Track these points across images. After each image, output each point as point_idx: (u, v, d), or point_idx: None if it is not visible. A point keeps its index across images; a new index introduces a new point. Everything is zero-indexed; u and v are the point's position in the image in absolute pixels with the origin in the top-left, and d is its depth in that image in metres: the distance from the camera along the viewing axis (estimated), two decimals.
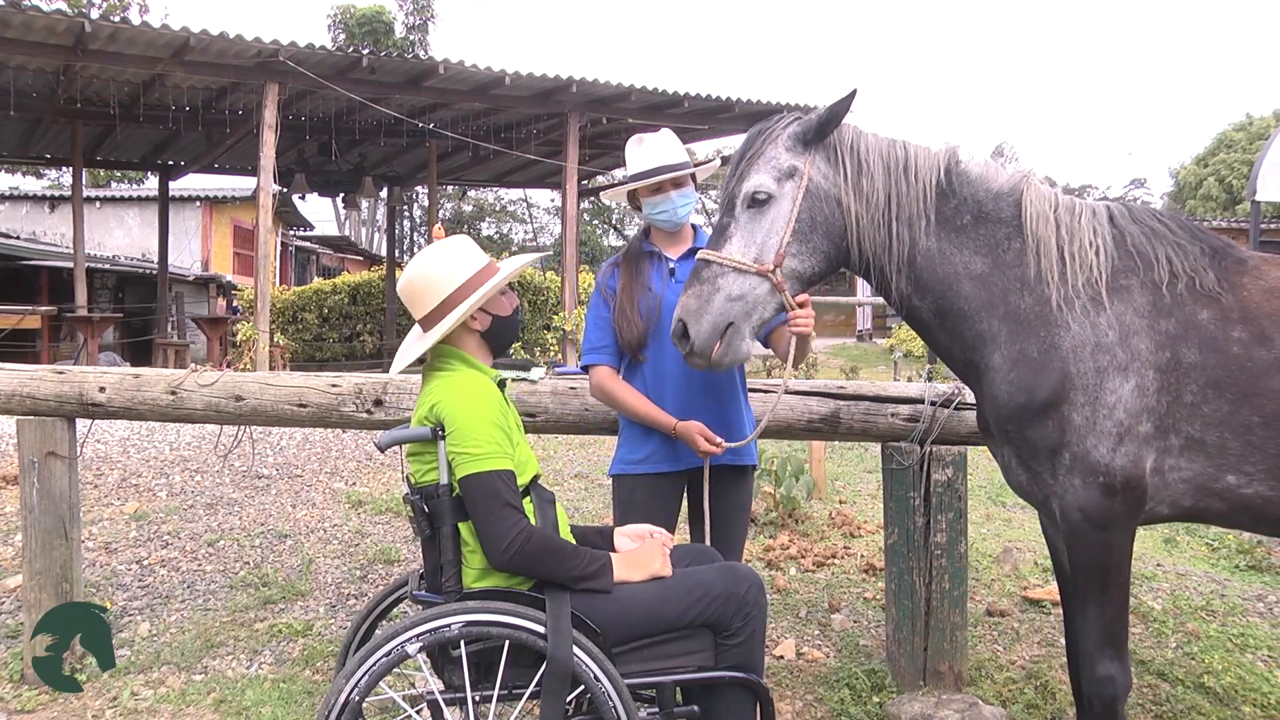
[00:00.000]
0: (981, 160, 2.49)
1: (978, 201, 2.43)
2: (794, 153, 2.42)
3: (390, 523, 5.51)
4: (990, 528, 5.68)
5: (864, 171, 2.41)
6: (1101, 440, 2.24)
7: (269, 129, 10.27)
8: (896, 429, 3.30)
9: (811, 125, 2.41)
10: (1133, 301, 2.31)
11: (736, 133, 13.97)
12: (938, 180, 2.42)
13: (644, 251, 2.96)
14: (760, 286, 2.39)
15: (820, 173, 2.42)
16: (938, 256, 2.42)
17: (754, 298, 2.39)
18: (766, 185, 2.39)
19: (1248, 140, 31.07)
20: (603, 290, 2.95)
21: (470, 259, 2.45)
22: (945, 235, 2.42)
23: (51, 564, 3.51)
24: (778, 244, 2.39)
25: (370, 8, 28.18)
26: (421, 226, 36.04)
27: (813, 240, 2.42)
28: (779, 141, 2.43)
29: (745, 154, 2.45)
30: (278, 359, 12.24)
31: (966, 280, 2.40)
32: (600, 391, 2.93)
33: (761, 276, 2.38)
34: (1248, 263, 2.37)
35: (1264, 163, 9.42)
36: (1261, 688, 3.46)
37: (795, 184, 2.40)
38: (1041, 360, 2.30)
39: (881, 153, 2.43)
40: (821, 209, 2.41)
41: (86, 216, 14.93)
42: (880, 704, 3.25)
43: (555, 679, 2.15)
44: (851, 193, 2.40)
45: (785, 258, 2.39)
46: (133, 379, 3.51)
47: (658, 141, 2.90)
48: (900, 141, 2.48)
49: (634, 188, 2.88)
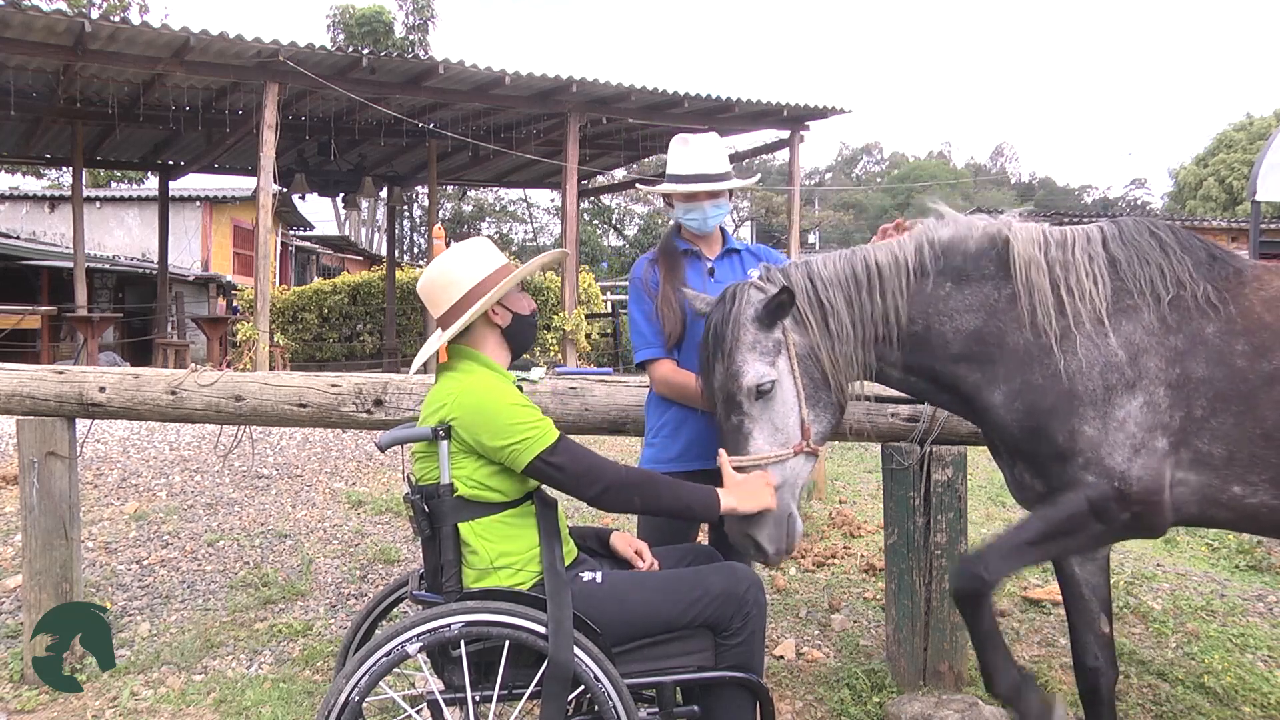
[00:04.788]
0: (951, 223, 2.48)
1: (954, 269, 2.43)
2: (767, 329, 2.39)
3: (390, 523, 5.51)
4: (990, 528, 5.68)
5: (830, 313, 2.41)
6: (1116, 449, 2.25)
7: (269, 129, 10.26)
8: (896, 429, 3.30)
9: (761, 314, 2.37)
10: (1140, 320, 2.31)
11: (736, 132, 13.97)
12: (906, 282, 2.41)
13: (680, 250, 2.93)
14: (799, 463, 2.39)
15: (798, 335, 2.41)
16: (924, 335, 2.43)
17: (796, 475, 2.39)
18: (767, 374, 2.34)
19: (1248, 140, 31.08)
20: (645, 285, 2.88)
21: (488, 258, 2.46)
22: (930, 312, 2.42)
23: (51, 564, 3.51)
24: (799, 420, 2.37)
25: (370, 8, 28.17)
26: (421, 226, 36.05)
27: (820, 398, 2.41)
28: (747, 325, 2.37)
29: (721, 347, 2.37)
30: (278, 359, 12.24)
31: (957, 343, 2.42)
32: (666, 385, 2.84)
33: (798, 454, 2.37)
34: (1245, 273, 2.37)
35: (1264, 163, 9.43)
36: (1261, 688, 3.46)
37: (785, 357, 2.39)
38: (1046, 385, 2.31)
39: (841, 282, 2.43)
40: (814, 366, 2.41)
41: (86, 216, 14.92)
42: (880, 704, 3.24)
43: (556, 679, 2.15)
44: (826, 339, 2.40)
45: (810, 427, 2.38)
46: (133, 379, 3.51)
47: (702, 146, 2.88)
48: (861, 255, 2.45)
49: (671, 192, 2.88)
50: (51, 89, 11.66)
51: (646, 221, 35.96)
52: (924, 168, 54.28)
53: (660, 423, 2.89)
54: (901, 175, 52.76)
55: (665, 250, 2.94)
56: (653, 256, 2.95)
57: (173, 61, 10.08)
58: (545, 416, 2.34)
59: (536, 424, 2.28)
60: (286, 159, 14.01)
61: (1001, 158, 65.07)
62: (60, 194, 22.13)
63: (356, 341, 16.85)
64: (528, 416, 2.29)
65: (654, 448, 2.88)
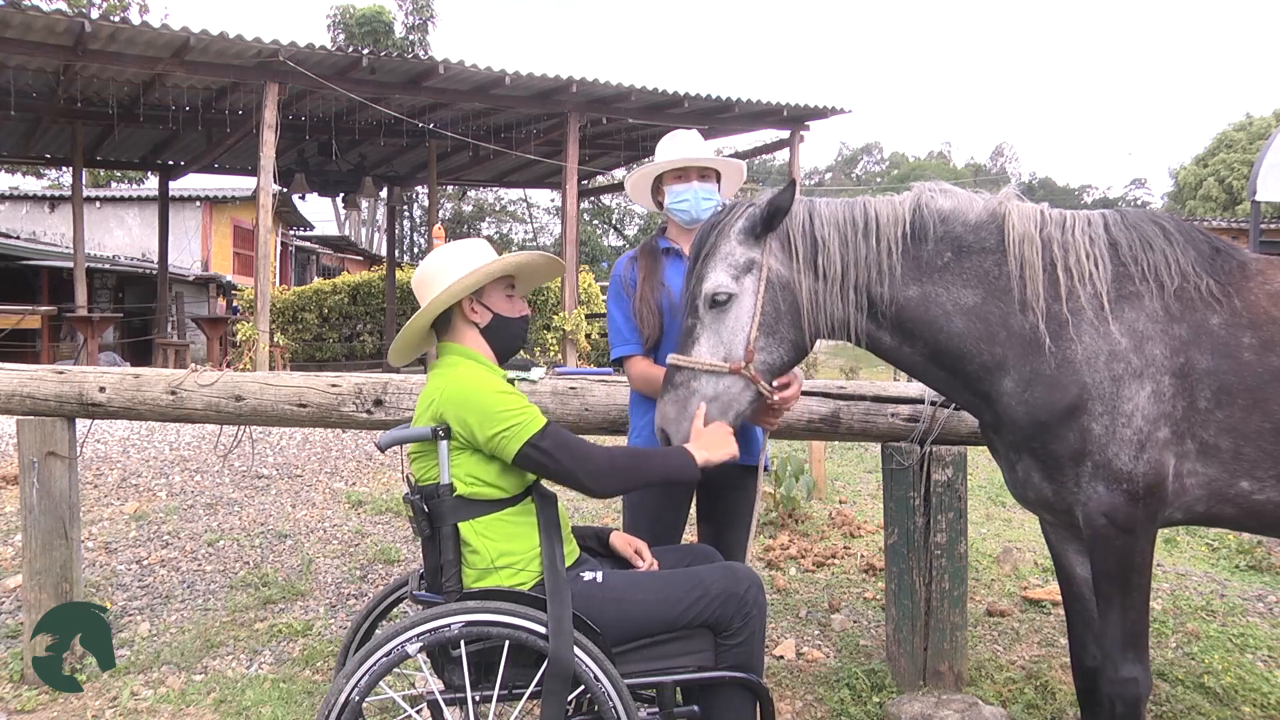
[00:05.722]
0: (950, 194, 2.45)
1: (954, 238, 2.39)
2: (748, 245, 2.38)
3: (390, 523, 5.51)
4: (990, 528, 5.68)
5: (820, 248, 2.38)
6: (1123, 448, 2.23)
7: (269, 129, 10.27)
8: (896, 429, 3.30)
9: (757, 219, 2.37)
10: (1144, 307, 2.29)
11: (736, 133, 13.99)
12: (903, 232, 2.38)
13: (661, 248, 2.95)
14: (735, 384, 2.35)
15: (778, 260, 2.38)
16: (922, 301, 2.38)
17: (729, 395, 2.36)
18: (725, 285, 2.35)
19: (1248, 140, 31.06)
20: (623, 283, 2.92)
21: (476, 257, 2.46)
22: (927, 278, 2.38)
23: (51, 564, 3.51)
24: (745, 340, 2.35)
25: (370, 8, 28.19)
26: (421, 226, 36.04)
27: (779, 331, 2.38)
28: (732, 236, 2.38)
29: (700, 251, 2.40)
30: (278, 359, 12.24)
31: (958, 317, 2.37)
32: (642, 380, 2.86)
33: (735, 375, 2.35)
34: (1250, 266, 2.36)
35: (1264, 163, 9.41)
36: (1261, 688, 3.46)
37: (755, 277, 2.36)
38: (1056, 375, 2.28)
39: (838, 223, 2.40)
40: (786, 297, 2.37)
41: (86, 216, 14.93)
42: (880, 704, 3.25)
43: (556, 679, 2.15)
44: (809, 274, 2.37)
45: (755, 353, 2.35)
46: (133, 379, 3.51)
47: (687, 136, 2.96)
48: (861, 202, 2.44)
49: (663, 169, 2.91)
50: (51, 89, 11.66)
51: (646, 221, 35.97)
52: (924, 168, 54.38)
53: (642, 422, 2.91)
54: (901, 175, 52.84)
55: (646, 249, 2.97)
56: (634, 255, 2.98)
57: (173, 61, 10.08)
58: (532, 404, 2.35)
59: (523, 410, 2.29)
60: (286, 159, 14.02)
61: (1001, 158, 65.11)
62: (60, 194, 22.13)
63: (356, 341, 16.86)
64: (513, 403, 2.30)
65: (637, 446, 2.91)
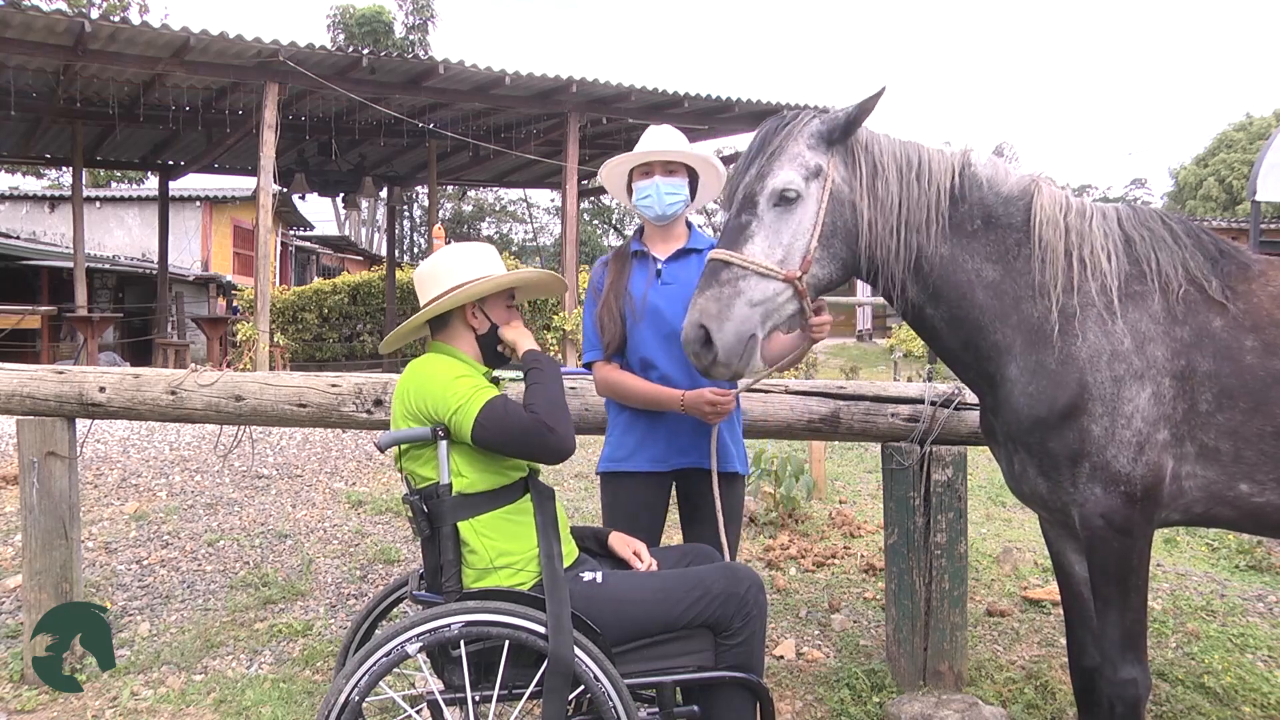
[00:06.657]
0: (992, 162, 2.41)
1: (986, 206, 2.35)
2: (818, 151, 2.29)
3: (390, 523, 5.51)
4: (990, 528, 5.68)
5: (879, 175, 2.31)
6: (1122, 450, 2.22)
7: (269, 129, 10.27)
8: (896, 429, 3.30)
9: (839, 123, 2.28)
10: (1148, 308, 2.28)
11: (737, 133, 13.97)
12: (950, 185, 2.33)
13: (632, 251, 2.92)
14: (784, 293, 2.23)
15: (840, 175, 2.30)
16: (951, 263, 2.34)
17: (774, 305, 2.23)
18: (796, 183, 2.24)
19: (1248, 140, 31.06)
20: (594, 288, 2.92)
21: (482, 262, 2.49)
22: (958, 241, 2.34)
23: (51, 564, 3.51)
24: (804, 248, 2.24)
25: (370, 8, 28.19)
26: (421, 226, 36.04)
27: (833, 246, 2.29)
28: (802, 138, 2.29)
29: (765, 148, 2.29)
30: (278, 359, 12.24)
31: (980, 289, 2.33)
32: (605, 385, 2.87)
33: (787, 283, 2.22)
34: (1253, 268, 2.35)
35: (1264, 163, 9.41)
36: (1261, 688, 3.46)
37: (820, 185, 2.26)
38: (1059, 371, 2.26)
39: (895, 155, 2.34)
40: (842, 213, 2.29)
41: (86, 216, 14.93)
42: (880, 704, 3.25)
43: (556, 679, 2.15)
44: (867, 197, 2.30)
45: (811, 264, 2.24)
46: (133, 379, 3.51)
47: (659, 131, 2.90)
48: (914, 144, 2.39)
49: (629, 164, 2.85)
50: (51, 89, 11.66)
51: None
52: None
53: (615, 422, 2.93)
54: None
55: (618, 254, 2.96)
56: (607, 259, 2.97)
57: (173, 61, 10.08)
58: (490, 386, 2.33)
59: (474, 390, 2.28)
60: (286, 159, 14.02)
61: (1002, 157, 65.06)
62: (60, 194, 22.13)
63: (356, 341, 16.86)
64: (465, 386, 2.29)
65: (610, 446, 2.93)
